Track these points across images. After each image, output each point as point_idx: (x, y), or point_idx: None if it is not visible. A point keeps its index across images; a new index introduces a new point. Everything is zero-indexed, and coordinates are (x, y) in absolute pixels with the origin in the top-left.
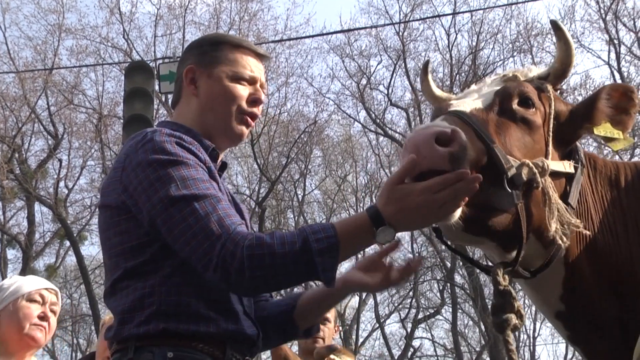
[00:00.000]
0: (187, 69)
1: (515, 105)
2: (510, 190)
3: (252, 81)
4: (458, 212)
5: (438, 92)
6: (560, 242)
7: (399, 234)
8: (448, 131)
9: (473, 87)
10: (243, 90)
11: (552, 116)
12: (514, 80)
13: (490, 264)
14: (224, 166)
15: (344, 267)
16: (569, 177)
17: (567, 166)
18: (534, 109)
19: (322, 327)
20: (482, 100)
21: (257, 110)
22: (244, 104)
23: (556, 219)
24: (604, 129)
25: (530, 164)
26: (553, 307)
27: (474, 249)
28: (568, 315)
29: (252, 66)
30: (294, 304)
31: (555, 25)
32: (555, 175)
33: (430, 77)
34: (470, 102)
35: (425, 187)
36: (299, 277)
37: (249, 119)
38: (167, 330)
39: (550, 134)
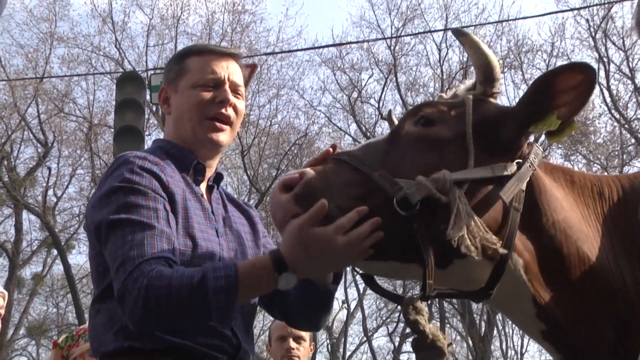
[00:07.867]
0: (160, 91)
1: (409, 128)
2: (403, 213)
3: (216, 84)
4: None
5: None
6: (467, 252)
7: None
8: (295, 176)
9: None
10: (205, 96)
11: (470, 124)
12: (428, 105)
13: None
14: (219, 177)
15: None
16: (508, 178)
17: (498, 169)
18: (437, 126)
19: (297, 346)
20: (384, 134)
21: (226, 110)
22: (208, 110)
23: (457, 229)
24: (543, 123)
25: (424, 182)
26: (535, 327)
27: None
28: (551, 333)
29: (214, 68)
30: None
31: (457, 32)
32: (481, 182)
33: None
34: (370, 140)
35: (336, 229)
36: (194, 313)
37: (217, 123)
38: (132, 347)
39: (471, 142)
